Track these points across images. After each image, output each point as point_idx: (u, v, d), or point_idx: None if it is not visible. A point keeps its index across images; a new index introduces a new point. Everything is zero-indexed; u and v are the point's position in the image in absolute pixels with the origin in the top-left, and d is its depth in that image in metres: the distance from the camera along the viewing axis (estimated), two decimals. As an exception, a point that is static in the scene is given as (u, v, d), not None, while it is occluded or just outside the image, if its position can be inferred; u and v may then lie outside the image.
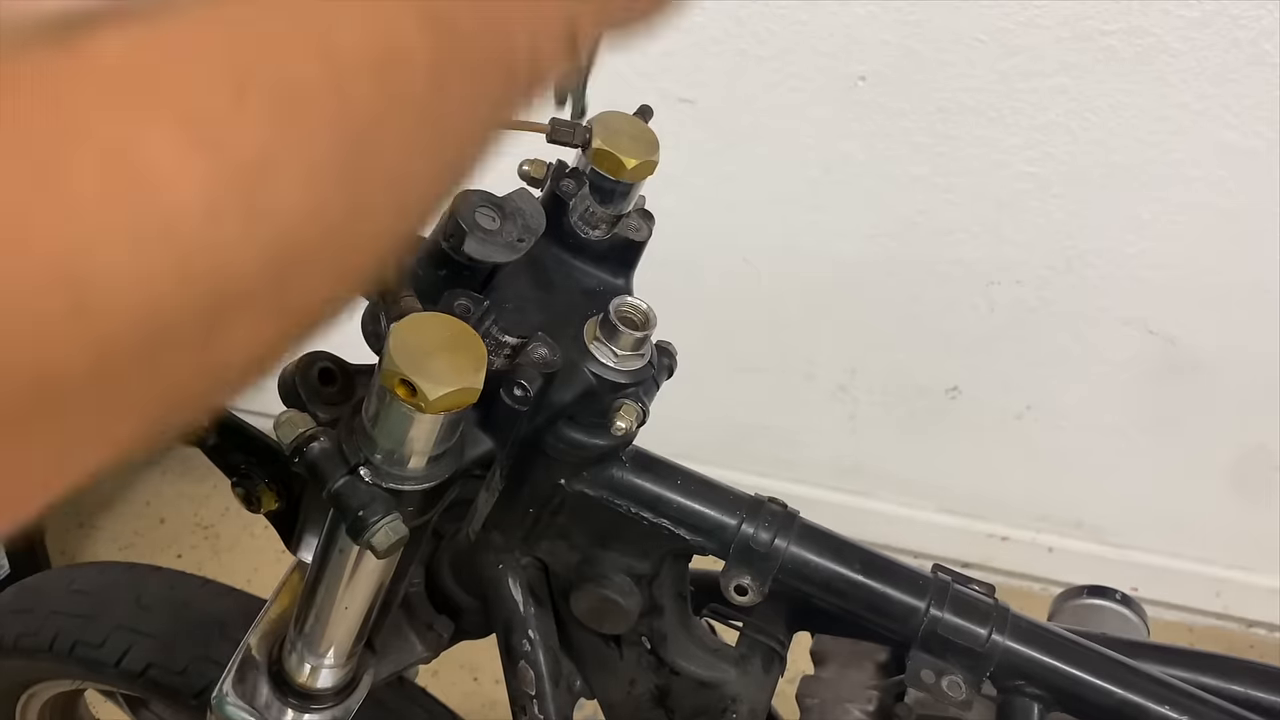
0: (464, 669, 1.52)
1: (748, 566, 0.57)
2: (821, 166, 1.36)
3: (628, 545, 0.59)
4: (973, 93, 1.26)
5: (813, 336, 1.54)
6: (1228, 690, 0.61)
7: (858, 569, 0.58)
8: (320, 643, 0.58)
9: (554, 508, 0.58)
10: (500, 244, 0.45)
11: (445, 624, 0.68)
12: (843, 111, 1.31)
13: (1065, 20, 1.19)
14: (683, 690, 0.64)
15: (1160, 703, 0.56)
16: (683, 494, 0.57)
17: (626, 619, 0.60)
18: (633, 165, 0.49)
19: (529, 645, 0.62)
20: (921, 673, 0.56)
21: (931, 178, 1.34)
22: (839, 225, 1.41)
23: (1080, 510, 1.67)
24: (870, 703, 0.63)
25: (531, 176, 0.51)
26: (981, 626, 0.56)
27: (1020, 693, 0.57)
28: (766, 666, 0.64)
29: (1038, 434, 1.57)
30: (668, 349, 0.56)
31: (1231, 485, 1.57)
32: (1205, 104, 1.22)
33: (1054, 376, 1.50)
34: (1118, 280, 1.38)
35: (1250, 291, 1.36)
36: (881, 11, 1.22)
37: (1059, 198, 1.33)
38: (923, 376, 1.55)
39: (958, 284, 1.43)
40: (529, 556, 0.62)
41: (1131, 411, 1.52)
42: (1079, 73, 1.22)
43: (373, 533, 0.46)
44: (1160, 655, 0.63)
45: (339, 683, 0.60)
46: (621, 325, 0.49)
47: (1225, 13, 1.15)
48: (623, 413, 0.51)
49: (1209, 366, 1.44)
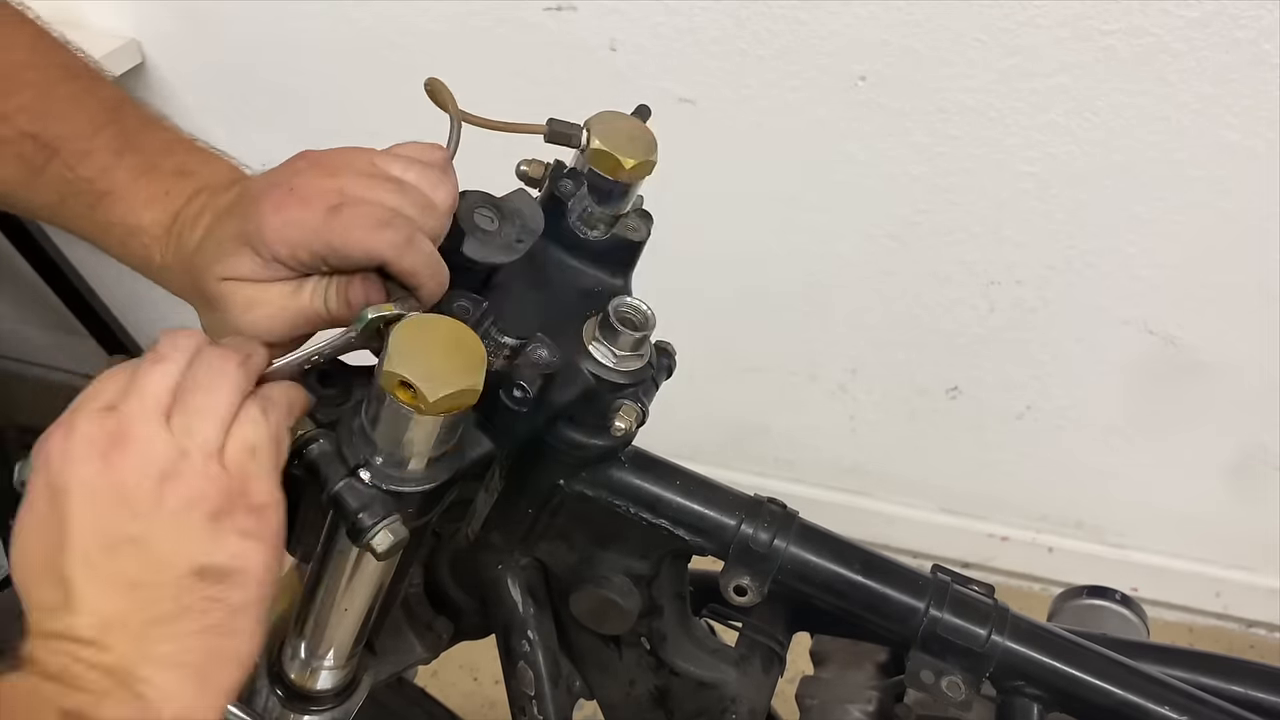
0: (464, 669, 1.52)
1: (747, 567, 0.57)
2: (821, 166, 1.36)
3: (627, 546, 0.59)
4: (973, 93, 1.26)
5: (813, 336, 1.54)
6: (1227, 691, 0.61)
7: (857, 569, 0.58)
8: (320, 644, 0.58)
9: (553, 508, 0.58)
10: (499, 245, 0.45)
11: (445, 625, 0.68)
12: (843, 111, 1.31)
13: (1065, 20, 1.19)
14: (682, 691, 0.64)
15: (1160, 703, 0.56)
16: (682, 494, 0.57)
17: (626, 620, 0.60)
18: (631, 165, 0.48)
19: (528, 646, 0.62)
20: (921, 673, 0.56)
21: (931, 178, 1.34)
22: (839, 225, 1.41)
23: (1080, 510, 1.67)
24: (870, 703, 0.63)
25: (530, 177, 0.51)
26: (981, 627, 0.56)
27: (1020, 693, 0.57)
28: (766, 667, 0.64)
29: (1038, 434, 1.57)
30: (666, 349, 0.56)
31: (1231, 485, 1.57)
32: (1205, 104, 1.22)
33: (1054, 376, 1.50)
34: (1118, 280, 1.38)
35: (1250, 291, 1.36)
36: (881, 11, 1.22)
37: (1059, 198, 1.32)
38: (923, 376, 1.55)
39: (958, 284, 1.43)
40: (528, 557, 0.62)
41: (1131, 411, 1.52)
42: (1079, 73, 1.22)
43: (372, 535, 0.46)
44: (1160, 655, 0.63)
45: (338, 684, 0.60)
46: (620, 325, 0.49)
47: (1225, 13, 1.15)
48: (622, 413, 0.51)
49: (1209, 366, 1.44)
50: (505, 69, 1.35)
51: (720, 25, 1.27)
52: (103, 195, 0.54)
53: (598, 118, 0.50)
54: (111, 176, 0.54)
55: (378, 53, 1.37)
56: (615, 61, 1.32)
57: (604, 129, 0.49)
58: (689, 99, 1.33)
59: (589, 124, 0.49)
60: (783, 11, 1.24)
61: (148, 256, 0.54)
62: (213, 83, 1.50)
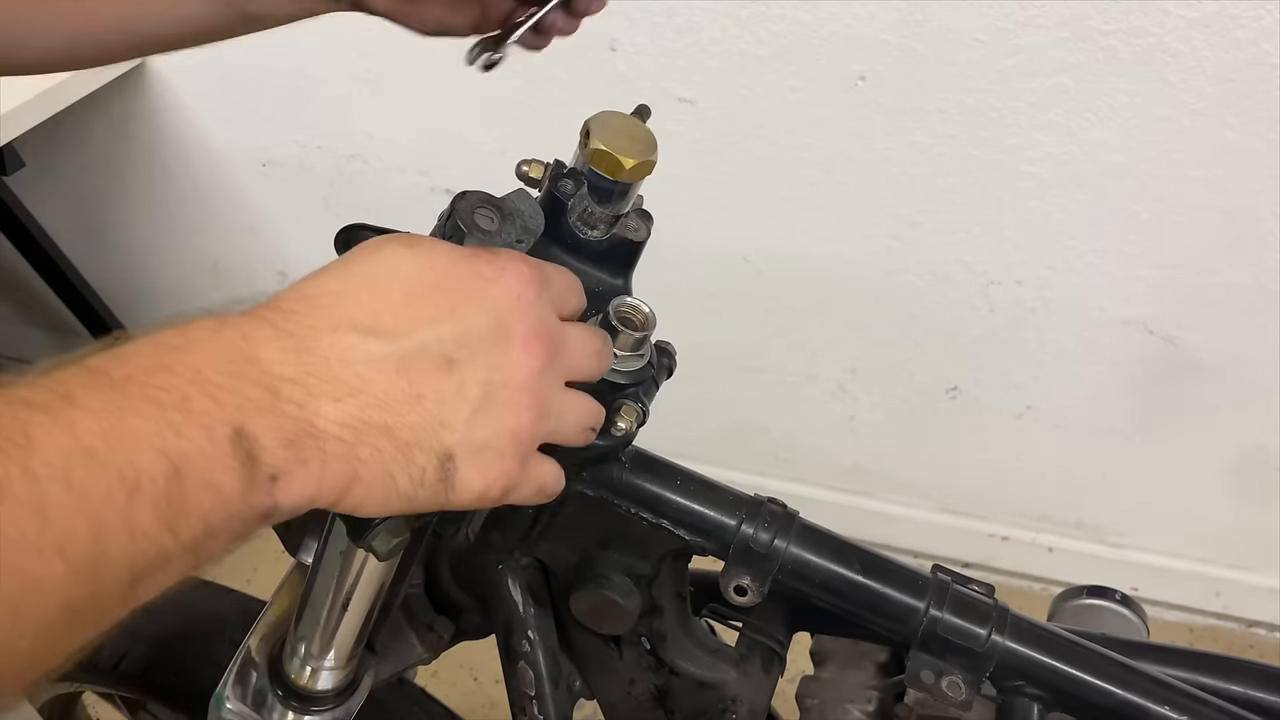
0: (464, 669, 1.52)
1: (747, 567, 0.57)
2: (821, 166, 1.36)
3: (627, 545, 0.59)
4: (973, 93, 1.26)
5: (813, 336, 1.54)
6: (1227, 690, 0.61)
7: (857, 569, 0.58)
8: (321, 645, 0.58)
9: (553, 508, 0.58)
10: (499, 245, 0.44)
11: (445, 625, 0.68)
12: (843, 111, 1.31)
13: (1065, 20, 1.19)
14: (682, 690, 0.64)
15: (1160, 703, 0.56)
16: (682, 494, 0.57)
17: (626, 619, 0.60)
18: (631, 165, 0.48)
19: (528, 646, 0.62)
20: (921, 673, 0.56)
21: (931, 178, 1.34)
22: (839, 225, 1.41)
23: (1080, 510, 1.67)
24: (870, 703, 0.63)
25: (530, 177, 0.51)
26: (981, 627, 0.56)
27: (1020, 693, 0.57)
28: (766, 667, 0.64)
29: (1038, 434, 1.57)
30: (667, 349, 0.56)
31: (1231, 485, 1.57)
32: (1205, 104, 1.22)
33: (1054, 376, 1.50)
34: (1118, 280, 1.38)
35: (1250, 291, 1.36)
36: (881, 11, 1.22)
37: (1059, 198, 1.32)
38: (923, 376, 1.55)
39: (958, 284, 1.43)
40: (528, 557, 0.62)
41: (1131, 411, 1.52)
42: (1079, 73, 1.22)
43: (374, 535, 0.46)
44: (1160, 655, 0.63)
45: (339, 684, 0.60)
46: (621, 326, 0.49)
47: (1225, 13, 1.15)
48: (623, 413, 0.51)
49: (1209, 366, 1.44)
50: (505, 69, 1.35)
51: (720, 25, 1.27)
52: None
53: (597, 118, 0.50)
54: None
55: (378, 52, 1.37)
56: (615, 61, 1.32)
57: (603, 129, 0.49)
58: (689, 99, 1.33)
59: (588, 124, 0.49)
60: (783, 11, 1.24)
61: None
62: (213, 82, 1.50)
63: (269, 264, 1.69)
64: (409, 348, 0.38)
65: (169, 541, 0.32)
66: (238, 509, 0.34)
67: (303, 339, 0.37)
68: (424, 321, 0.39)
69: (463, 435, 0.40)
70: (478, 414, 0.40)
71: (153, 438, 0.31)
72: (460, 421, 0.39)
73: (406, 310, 0.39)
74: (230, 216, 1.65)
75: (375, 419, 0.37)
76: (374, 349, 0.38)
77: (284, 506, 0.35)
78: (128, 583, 0.31)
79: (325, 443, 0.36)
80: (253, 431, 0.34)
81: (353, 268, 0.40)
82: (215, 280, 1.74)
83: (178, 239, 1.71)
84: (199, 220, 1.67)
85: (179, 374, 0.33)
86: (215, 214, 1.65)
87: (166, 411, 0.32)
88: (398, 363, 0.38)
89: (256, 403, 0.34)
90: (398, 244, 0.41)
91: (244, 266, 1.71)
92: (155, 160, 1.60)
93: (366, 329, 0.38)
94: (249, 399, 0.34)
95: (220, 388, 0.33)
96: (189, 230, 1.69)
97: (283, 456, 0.34)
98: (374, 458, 0.37)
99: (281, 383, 0.35)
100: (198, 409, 0.33)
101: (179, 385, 0.33)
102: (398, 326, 0.39)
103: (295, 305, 0.38)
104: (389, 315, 0.39)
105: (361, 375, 0.37)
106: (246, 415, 0.34)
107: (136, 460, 0.31)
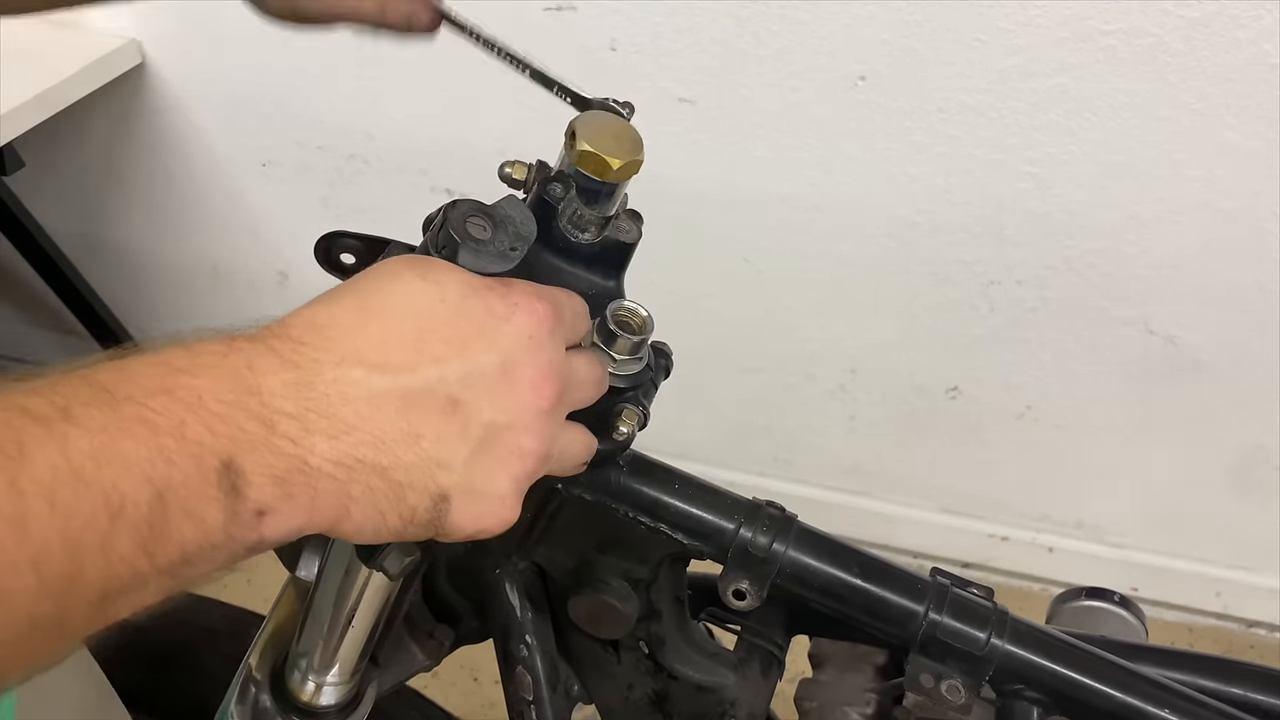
0: (464, 670, 1.52)
1: (746, 571, 0.56)
2: (821, 166, 1.36)
3: (625, 550, 0.59)
4: (973, 93, 1.26)
5: (812, 336, 1.54)
6: (1227, 693, 0.61)
7: (856, 573, 0.57)
8: (325, 661, 0.57)
9: (551, 512, 0.58)
10: (493, 254, 0.44)
11: (445, 632, 0.68)
12: (843, 111, 1.30)
13: (1065, 20, 1.19)
14: (681, 694, 0.64)
15: (1159, 706, 0.56)
16: (680, 498, 0.57)
17: (624, 624, 0.60)
18: (619, 165, 0.48)
19: (526, 650, 0.62)
20: (920, 676, 0.56)
21: (931, 178, 1.34)
22: (839, 225, 1.41)
23: (1080, 510, 1.67)
24: (869, 705, 0.62)
25: (513, 179, 0.50)
26: (980, 630, 0.56)
27: (1019, 696, 0.57)
28: (765, 670, 0.64)
29: (1038, 434, 1.57)
30: (663, 349, 0.56)
31: (1231, 485, 1.57)
32: (1205, 104, 1.21)
33: (1054, 376, 1.50)
34: (1118, 280, 1.38)
35: (1250, 291, 1.36)
36: (881, 11, 1.22)
37: (1059, 198, 1.32)
38: (923, 376, 1.55)
39: (958, 284, 1.43)
40: (526, 561, 0.62)
41: (1131, 411, 1.52)
42: (1079, 73, 1.22)
43: (384, 556, 0.46)
44: (1159, 658, 0.63)
45: (343, 699, 0.59)
46: (619, 330, 0.49)
47: (1225, 13, 1.15)
48: (624, 417, 0.51)
49: (1209, 366, 1.44)
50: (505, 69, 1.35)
51: (720, 25, 1.27)
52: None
53: (582, 119, 0.49)
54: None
55: (378, 52, 1.37)
56: (615, 61, 1.32)
57: (589, 129, 0.48)
58: (689, 99, 1.33)
59: (573, 125, 0.49)
60: (783, 11, 1.24)
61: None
62: (213, 82, 1.50)
63: (269, 264, 1.68)
64: (413, 385, 0.38)
65: (145, 565, 0.32)
66: (219, 540, 0.34)
67: (306, 372, 0.37)
68: (431, 359, 0.39)
69: (460, 477, 0.39)
70: (478, 455, 0.40)
71: (142, 463, 0.31)
72: (459, 463, 0.39)
73: (416, 345, 0.39)
74: (230, 216, 1.64)
75: (369, 458, 0.37)
76: (377, 384, 0.38)
77: (270, 539, 0.35)
78: (98, 602, 0.31)
79: (316, 480, 0.36)
80: (241, 466, 0.34)
81: (366, 300, 0.40)
82: (215, 280, 1.74)
83: (177, 239, 1.71)
84: (199, 220, 1.67)
85: (179, 398, 0.33)
86: (215, 214, 1.65)
87: (160, 437, 0.32)
88: (399, 401, 0.38)
89: (251, 436, 0.34)
90: (411, 271, 0.41)
91: (244, 266, 1.70)
92: (155, 160, 1.60)
93: (373, 364, 0.38)
94: (244, 432, 0.34)
95: (218, 417, 0.34)
96: (189, 230, 1.69)
97: (270, 493, 0.34)
98: (365, 495, 0.37)
99: (279, 416, 0.35)
100: (191, 437, 0.33)
101: (177, 411, 0.33)
102: (404, 362, 0.38)
103: (304, 335, 0.38)
104: (398, 350, 0.39)
105: (360, 412, 0.37)
106: (239, 448, 0.34)
107: (122, 485, 0.31)
